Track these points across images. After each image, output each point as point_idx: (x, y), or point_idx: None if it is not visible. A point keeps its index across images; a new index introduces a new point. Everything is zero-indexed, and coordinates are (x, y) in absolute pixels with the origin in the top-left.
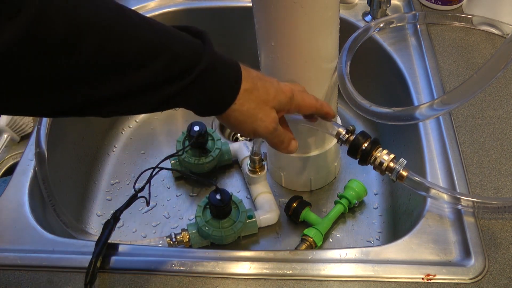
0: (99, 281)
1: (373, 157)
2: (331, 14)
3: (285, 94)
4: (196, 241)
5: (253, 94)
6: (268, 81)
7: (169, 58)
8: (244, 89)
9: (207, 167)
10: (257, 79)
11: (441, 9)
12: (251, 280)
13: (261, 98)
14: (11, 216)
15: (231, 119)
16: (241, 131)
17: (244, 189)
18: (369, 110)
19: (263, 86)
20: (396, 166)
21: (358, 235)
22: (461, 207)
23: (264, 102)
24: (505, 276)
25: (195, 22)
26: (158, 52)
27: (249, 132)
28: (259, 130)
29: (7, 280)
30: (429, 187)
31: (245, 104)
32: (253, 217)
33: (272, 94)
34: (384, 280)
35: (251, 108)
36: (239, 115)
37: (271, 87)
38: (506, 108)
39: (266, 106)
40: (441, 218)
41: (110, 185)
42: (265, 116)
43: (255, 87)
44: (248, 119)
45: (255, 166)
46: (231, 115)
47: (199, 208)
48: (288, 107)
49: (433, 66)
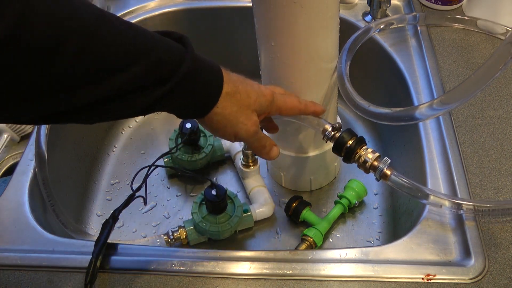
0: (99, 281)
1: (358, 155)
2: (331, 14)
3: (265, 97)
4: (194, 238)
5: (235, 97)
6: (249, 84)
7: (150, 62)
8: (226, 93)
9: (200, 164)
10: (238, 82)
11: (441, 9)
12: (251, 280)
13: (242, 101)
14: (11, 216)
15: (213, 123)
16: (223, 135)
17: (238, 185)
18: (367, 110)
19: (244, 89)
20: (380, 164)
21: (358, 235)
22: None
23: (246, 105)
24: (505, 276)
25: (195, 22)
26: (139, 56)
27: (231, 135)
28: (241, 133)
29: (7, 280)
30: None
31: (227, 107)
32: (249, 210)
33: (253, 98)
34: (384, 280)
35: (233, 111)
36: (221, 119)
37: (252, 90)
38: (506, 108)
39: (248, 109)
40: (441, 218)
41: (110, 185)
42: (246, 120)
43: (236, 90)
44: (229, 122)
45: (248, 160)
46: (213, 119)
47: (195, 205)
48: (269, 110)
49: (433, 66)
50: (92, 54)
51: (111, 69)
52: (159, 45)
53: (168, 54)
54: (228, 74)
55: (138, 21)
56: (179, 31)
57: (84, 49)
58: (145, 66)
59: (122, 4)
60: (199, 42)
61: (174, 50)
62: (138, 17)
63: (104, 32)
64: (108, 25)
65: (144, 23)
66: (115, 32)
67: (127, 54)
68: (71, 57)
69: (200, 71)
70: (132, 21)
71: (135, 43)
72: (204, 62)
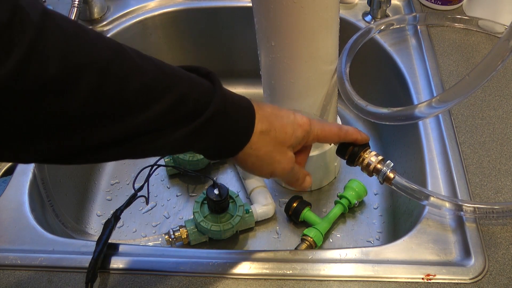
0: (99, 281)
1: (361, 158)
2: (331, 14)
3: (302, 127)
4: (195, 237)
5: (270, 135)
6: (284, 116)
7: (174, 99)
8: (261, 132)
9: (202, 164)
10: (273, 117)
11: (441, 9)
12: (251, 280)
13: (278, 139)
14: (11, 216)
15: (247, 164)
16: (258, 174)
17: (239, 185)
18: (366, 110)
19: (280, 125)
20: (383, 167)
21: (358, 235)
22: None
23: (281, 143)
24: (505, 276)
25: (195, 22)
26: (162, 93)
27: (266, 174)
28: (276, 172)
29: (7, 280)
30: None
31: (261, 148)
32: (250, 210)
33: (290, 132)
34: (384, 280)
35: (268, 151)
36: (256, 160)
37: (287, 123)
38: (506, 108)
39: (283, 146)
40: (441, 218)
41: (110, 185)
42: (282, 158)
43: (271, 127)
44: (265, 162)
45: None
46: (247, 160)
47: (196, 204)
48: (306, 140)
49: (433, 66)
50: (109, 93)
51: (130, 107)
52: (185, 81)
53: (195, 91)
54: (261, 109)
55: (138, 21)
56: (179, 31)
57: (100, 87)
58: (168, 103)
59: (122, 4)
60: (199, 42)
61: (201, 86)
62: (138, 17)
63: (122, 68)
64: (126, 60)
65: (144, 23)
66: (134, 67)
67: (149, 92)
68: (86, 95)
69: (230, 109)
70: (132, 21)
71: (158, 79)
72: (234, 99)
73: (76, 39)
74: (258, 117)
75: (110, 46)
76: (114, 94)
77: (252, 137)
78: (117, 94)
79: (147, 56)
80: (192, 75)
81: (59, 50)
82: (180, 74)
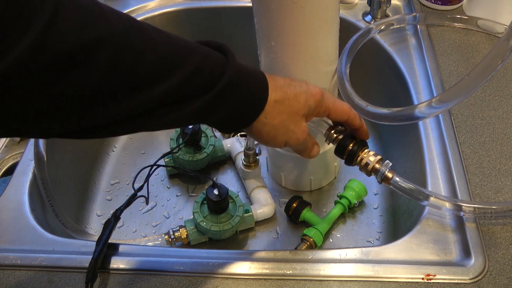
0: (99, 281)
1: (360, 157)
2: (331, 14)
3: (314, 97)
4: (194, 237)
5: (284, 104)
6: (297, 85)
7: (189, 71)
8: (275, 101)
9: (202, 164)
10: (287, 87)
11: (441, 9)
12: (251, 280)
13: (292, 108)
14: (11, 216)
15: (262, 134)
16: (272, 145)
17: (239, 185)
18: (366, 110)
19: (294, 94)
20: (381, 167)
21: (358, 235)
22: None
23: (295, 112)
24: (505, 276)
25: (195, 22)
26: (177, 65)
27: (280, 144)
28: (290, 142)
29: (7, 280)
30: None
31: (276, 117)
32: (250, 211)
33: (303, 102)
34: (384, 280)
35: (283, 120)
36: (271, 129)
37: (300, 92)
38: (506, 108)
39: (297, 115)
40: (441, 218)
41: (110, 185)
42: (296, 127)
43: (285, 96)
44: (279, 132)
45: (249, 160)
46: (261, 130)
47: (196, 204)
48: (318, 110)
49: (433, 66)
50: (126, 65)
51: (146, 80)
52: (198, 53)
53: (208, 63)
54: (274, 79)
55: None
56: (179, 31)
57: (117, 60)
58: (183, 75)
59: (122, 4)
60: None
61: (214, 58)
62: (138, 17)
63: (137, 41)
64: (141, 34)
65: None
66: (149, 41)
67: (164, 64)
68: (103, 69)
69: (244, 79)
70: None
71: (172, 52)
72: (247, 69)
73: (92, 12)
74: (271, 86)
75: (125, 20)
76: (131, 67)
77: (266, 106)
78: (134, 67)
79: (160, 29)
80: (205, 48)
81: (77, 24)
82: (194, 47)
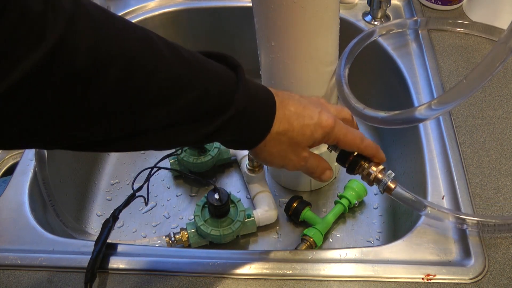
0: (99, 281)
1: (362, 167)
2: (331, 14)
3: (323, 129)
4: (195, 241)
5: (286, 135)
6: (307, 117)
7: (198, 95)
8: (277, 132)
9: (206, 166)
10: (294, 118)
11: (441, 9)
12: (251, 280)
13: (294, 139)
14: (11, 216)
15: (260, 157)
16: (269, 165)
17: (244, 189)
18: (363, 113)
19: (300, 126)
20: (384, 178)
21: (358, 235)
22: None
23: (297, 143)
24: (505, 276)
25: (195, 22)
26: (187, 88)
27: (278, 167)
28: (287, 168)
29: (7, 280)
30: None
31: (275, 147)
32: (252, 216)
33: (308, 134)
34: (384, 280)
35: (282, 149)
36: (268, 155)
37: (308, 125)
38: (506, 108)
39: (298, 147)
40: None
41: (110, 185)
42: (294, 157)
43: (290, 128)
44: (276, 158)
45: (253, 165)
46: (259, 154)
47: (197, 208)
48: (325, 140)
49: (433, 66)
50: (134, 84)
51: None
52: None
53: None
54: (284, 107)
55: (138, 21)
56: (179, 31)
57: (126, 78)
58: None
59: (122, 4)
60: (199, 42)
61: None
62: (138, 17)
63: (149, 60)
64: (153, 51)
65: (144, 23)
66: (160, 60)
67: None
68: (111, 86)
69: (251, 107)
70: (132, 21)
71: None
72: (258, 95)
73: (106, 28)
74: (278, 116)
75: (138, 36)
76: (140, 87)
77: (267, 136)
78: (142, 88)
79: (174, 44)
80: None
81: (89, 40)
82: (206, 67)
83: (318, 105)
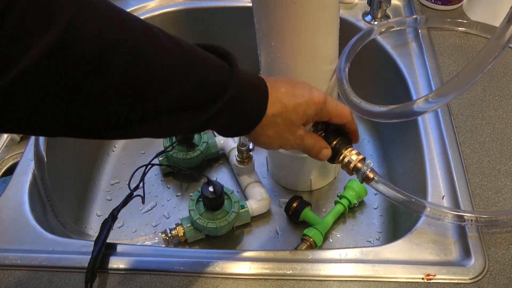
0: (99, 281)
1: (342, 155)
2: (331, 14)
3: (316, 105)
4: (191, 235)
5: (281, 116)
6: (299, 95)
7: (194, 83)
8: (272, 114)
9: (196, 161)
10: (286, 98)
11: (441, 9)
12: (251, 280)
13: (289, 119)
14: (11, 216)
15: (257, 141)
16: (267, 149)
17: (233, 181)
18: (359, 107)
19: (292, 104)
20: (363, 167)
21: (358, 235)
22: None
23: (292, 122)
24: (505, 276)
25: (195, 22)
26: (183, 76)
27: (275, 148)
28: (285, 147)
29: (7, 280)
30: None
31: (271, 128)
32: (245, 206)
33: (301, 112)
34: (384, 280)
35: (278, 130)
36: (265, 138)
37: (300, 104)
38: (506, 108)
39: (293, 126)
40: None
41: (110, 185)
42: (291, 135)
43: (283, 109)
44: (274, 139)
45: (243, 156)
46: (257, 138)
47: (191, 202)
48: (319, 116)
49: (433, 66)
50: (136, 72)
51: (152, 89)
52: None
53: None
54: (275, 89)
55: None
56: (179, 31)
57: (129, 66)
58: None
59: (122, 4)
60: (199, 42)
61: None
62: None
63: (150, 48)
64: (154, 41)
65: None
66: (161, 49)
67: (171, 74)
68: (114, 74)
69: (244, 93)
70: None
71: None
72: (249, 82)
73: (110, 18)
74: (271, 99)
75: (139, 26)
76: (141, 75)
77: (263, 119)
78: (144, 75)
79: (172, 36)
80: (211, 58)
81: (94, 29)
82: (201, 56)
83: (306, 84)
